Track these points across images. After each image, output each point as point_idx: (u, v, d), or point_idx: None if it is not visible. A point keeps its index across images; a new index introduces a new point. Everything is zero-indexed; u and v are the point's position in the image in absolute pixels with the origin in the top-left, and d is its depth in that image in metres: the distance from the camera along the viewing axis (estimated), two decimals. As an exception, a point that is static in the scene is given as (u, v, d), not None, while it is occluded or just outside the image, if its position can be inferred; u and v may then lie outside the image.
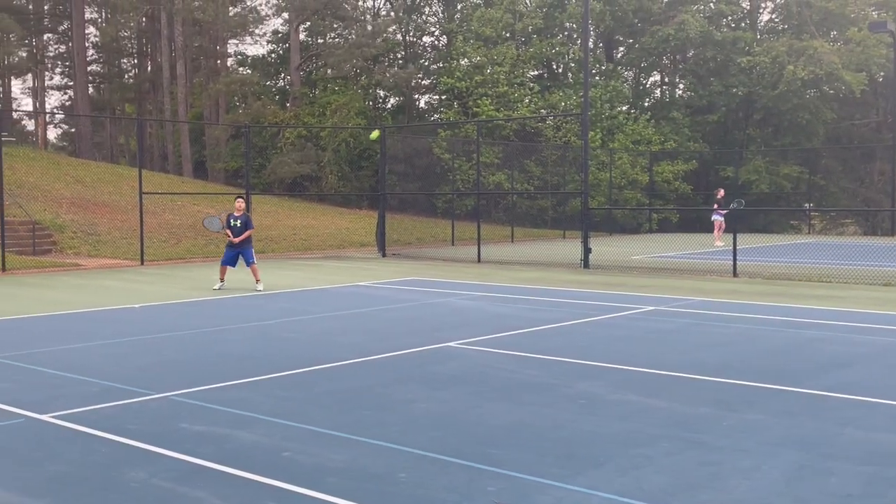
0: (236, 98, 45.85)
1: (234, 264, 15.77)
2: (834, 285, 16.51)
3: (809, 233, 38.38)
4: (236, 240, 15.56)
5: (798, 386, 7.77)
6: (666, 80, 47.22)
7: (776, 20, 44.38)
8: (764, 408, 6.99)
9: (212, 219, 16.59)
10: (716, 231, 28.34)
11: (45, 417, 6.69)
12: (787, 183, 38.44)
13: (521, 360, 9.04)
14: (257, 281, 15.63)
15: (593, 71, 40.14)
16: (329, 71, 44.54)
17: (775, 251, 25.49)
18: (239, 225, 15.63)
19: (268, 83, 48.12)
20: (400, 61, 46.16)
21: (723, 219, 27.89)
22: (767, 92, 38.60)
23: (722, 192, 29.05)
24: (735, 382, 7.93)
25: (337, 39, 45.87)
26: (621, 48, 46.08)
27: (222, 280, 15.77)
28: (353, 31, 43.55)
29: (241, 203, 16.17)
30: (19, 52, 49.90)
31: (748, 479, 5.25)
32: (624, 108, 41.24)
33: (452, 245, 29.14)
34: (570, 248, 24.29)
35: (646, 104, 44.05)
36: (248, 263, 15.63)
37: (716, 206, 28.20)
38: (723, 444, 5.98)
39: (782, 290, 15.71)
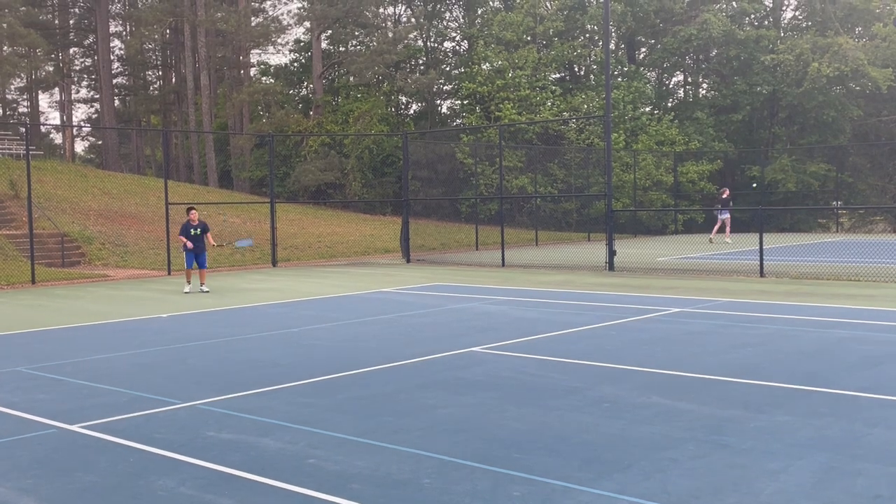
0: (260, 107, 46.22)
1: (190, 265, 17.44)
2: (863, 284, 16.31)
3: (838, 231, 37.94)
4: (190, 245, 17.13)
5: (827, 387, 7.69)
6: (689, 79, 46.93)
7: (799, 17, 43.98)
8: (792, 409, 6.93)
9: (242, 241, 19.92)
10: (716, 228, 29.74)
11: (74, 428, 6.78)
12: (815, 181, 38.05)
13: (545, 364, 9.02)
14: (202, 283, 17.33)
15: (615, 72, 40.00)
16: (351, 78, 44.79)
17: (803, 250, 25.23)
18: (199, 233, 17.34)
19: (291, 92, 48.46)
20: (421, 67, 46.29)
21: (727, 217, 29.35)
22: (792, 90, 38.25)
23: (727, 192, 30.21)
24: (762, 384, 7.86)
25: (358, 47, 46.11)
26: (643, 49, 45.89)
27: (190, 283, 17.47)
28: (375, 39, 43.76)
29: (195, 213, 17.55)
30: (46, 67, 50.71)
31: (775, 481, 5.20)
32: (647, 108, 41.03)
33: (476, 250, 29.14)
34: (594, 250, 24.20)
35: (669, 104, 43.81)
36: (202, 266, 17.40)
37: (720, 205, 29.57)
38: (750, 446, 5.94)
39: (810, 289, 15.56)
